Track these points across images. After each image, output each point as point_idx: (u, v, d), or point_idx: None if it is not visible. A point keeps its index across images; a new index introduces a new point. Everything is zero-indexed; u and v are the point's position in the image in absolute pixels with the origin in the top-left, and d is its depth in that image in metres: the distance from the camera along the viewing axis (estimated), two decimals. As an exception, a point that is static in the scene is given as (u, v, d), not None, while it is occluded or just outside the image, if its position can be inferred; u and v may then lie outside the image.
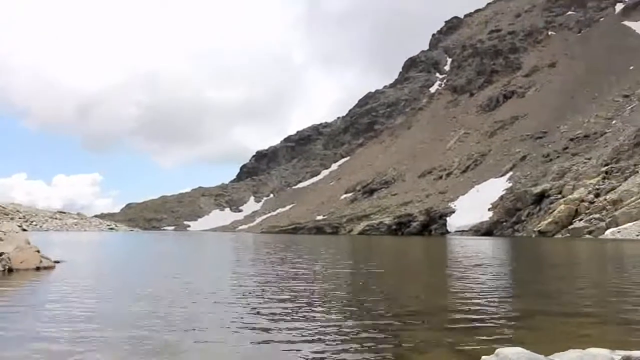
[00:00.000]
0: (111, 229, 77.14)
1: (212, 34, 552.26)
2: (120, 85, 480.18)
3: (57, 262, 14.82)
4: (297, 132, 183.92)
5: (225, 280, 12.74)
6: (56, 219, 70.88)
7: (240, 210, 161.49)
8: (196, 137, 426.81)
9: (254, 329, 6.67)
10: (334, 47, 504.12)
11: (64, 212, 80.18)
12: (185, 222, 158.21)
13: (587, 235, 49.71)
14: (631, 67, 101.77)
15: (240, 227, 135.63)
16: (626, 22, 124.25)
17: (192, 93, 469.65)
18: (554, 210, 57.63)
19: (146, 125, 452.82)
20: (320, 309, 8.35)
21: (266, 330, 6.68)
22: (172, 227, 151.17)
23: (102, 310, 7.84)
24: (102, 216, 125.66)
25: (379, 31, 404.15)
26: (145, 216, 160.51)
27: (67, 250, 23.49)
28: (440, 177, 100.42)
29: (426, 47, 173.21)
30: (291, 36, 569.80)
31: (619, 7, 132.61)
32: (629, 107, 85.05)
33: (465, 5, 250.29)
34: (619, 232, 46.62)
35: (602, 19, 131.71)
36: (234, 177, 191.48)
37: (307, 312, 8.01)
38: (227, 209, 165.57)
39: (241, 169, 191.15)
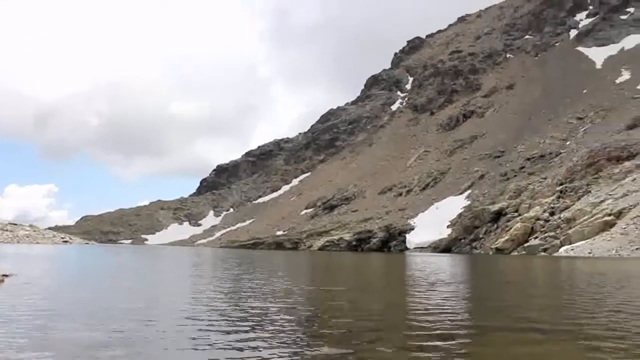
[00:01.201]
0: (65, 241, 75.04)
1: (177, 46, 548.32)
2: (82, 94, 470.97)
3: (6, 275, 14.28)
4: (259, 146, 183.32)
5: (181, 298, 12.47)
6: (7, 230, 68.62)
7: (199, 225, 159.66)
8: (157, 149, 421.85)
9: (206, 350, 6.49)
10: (299, 62, 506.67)
11: (16, 224, 77.65)
12: (143, 236, 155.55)
13: (542, 253, 50.71)
14: (584, 91, 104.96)
15: (199, 242, 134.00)
16: (580, 48, 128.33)
17: (155, 105, 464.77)
18: (510, 228, 58.69)
19: (106, 136, 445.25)
20: (274, 327, 8.20)
21: (221, 349, 6.52)
22: (129, 241, 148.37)
23: (48, 332, 7.36)
24: (56, 228, 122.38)
25: (344, 48, 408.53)
26: (101, 229, 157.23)
27: (18, 263, 22.72)
28: (400, 194, 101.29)
29: (388, 66, 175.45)
30: (258, 50, 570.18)
31: (573, 33, 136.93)
32: (582, 129, 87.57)
33: (427, 26, 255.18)
34: (572, 249, 47.69)
35: (557, 44, 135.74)
36: (194, 190, 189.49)
37: (259, 330, 7.86)
38: (186, 223, 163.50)
39: (201, 182, 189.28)
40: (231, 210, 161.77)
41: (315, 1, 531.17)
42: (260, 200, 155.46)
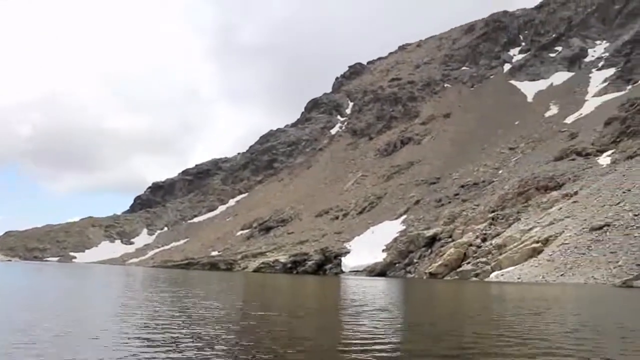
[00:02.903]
0: (-15, 257, 71.21)
1: (119, 61, 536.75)
2: (15, 105, 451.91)
3: None
4: (196, 165, 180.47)
5: (99, 322, 11.73)
6: None
7: (132, 243, 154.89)
8: (91, 164, 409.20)
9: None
10: (242, 83, 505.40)
11: None
12: (71, 254, 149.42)
13: (474, 278, 51.55)
14: (516, 123, 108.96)
15: (130, 261, 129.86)
16: (512, 81, 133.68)
17: (91, 119, 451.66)
18: (444, 253, 59.49)
19: (38, 148, 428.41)
20: (203, 353, 7.72)
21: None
22: (57, 258, 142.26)
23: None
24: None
25: (287, 71, 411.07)
26: (26, 245, 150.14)
27: None
28: (337, 218, 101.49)
29: (329, 90, 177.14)
30: (201, 68, 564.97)
31: (507, 67, 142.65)
32: (514, 159, 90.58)
33: (368, 52, 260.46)
34: (502, 275, 48.71)
35: (492, 77, 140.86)
36: (128, 208, 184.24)
37: (187, 357, 7.36)
38: (118, 241, 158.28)
39: (135, 200, 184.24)
40: (165, 229, 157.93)
41: (260, 23, 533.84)
42: (195, 219, 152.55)
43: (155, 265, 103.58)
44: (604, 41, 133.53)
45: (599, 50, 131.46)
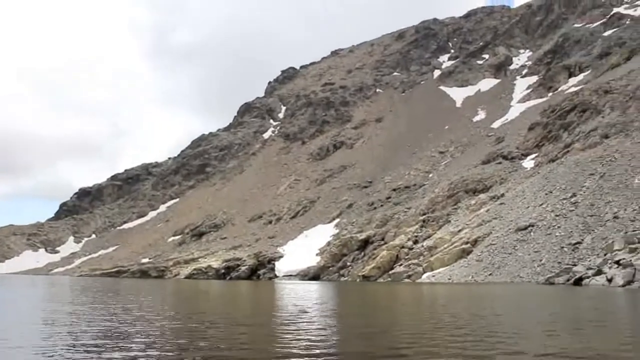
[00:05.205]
0: None
1: (45, 59, 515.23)
2: None
3: None
4: (125, 170, 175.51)
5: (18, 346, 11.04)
6: None
7: (57, 252, 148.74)
8: (13, 169, 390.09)
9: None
10: (174, 85, 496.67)
11: None
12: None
13: (407, 280, 52.35)
14: (446, 127, 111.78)
15: (55, 270, 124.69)
16: (442, 87, 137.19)
17: (14, 120, 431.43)
18: (377, 256, 60.16)
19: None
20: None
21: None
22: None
23: None
24: None
25: (219, 74, 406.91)
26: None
27: None
28: (270, 222, 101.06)
29: (262, 94, 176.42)
30: (132, 70, 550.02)
31: (437, 73, 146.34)
32: (444, 163, 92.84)
33: (301, 57, 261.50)
34: (433, 276, 49.71)
35: (422, 82, 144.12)
36: (52, 215, 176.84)
37: None
38: (42, 250, 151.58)
39: (60, 206, 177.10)
40: (93, 236, 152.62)
41: (193, 25, 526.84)
42: (125, 226, 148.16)
43: (83, 274, 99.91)
44: (527, 50, 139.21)
45: (522, 58, 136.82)
